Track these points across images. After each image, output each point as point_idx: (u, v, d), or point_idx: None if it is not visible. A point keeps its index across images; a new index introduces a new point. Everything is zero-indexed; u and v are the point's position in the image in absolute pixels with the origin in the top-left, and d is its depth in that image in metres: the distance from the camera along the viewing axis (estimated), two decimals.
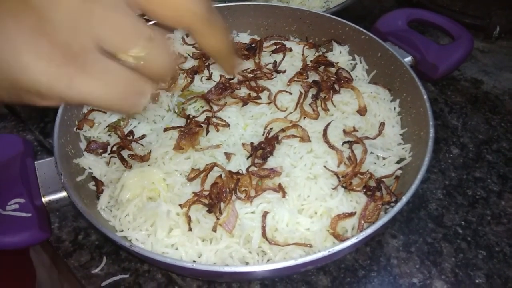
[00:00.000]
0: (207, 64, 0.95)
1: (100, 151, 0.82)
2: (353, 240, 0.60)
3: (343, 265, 0.81)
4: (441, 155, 0.99)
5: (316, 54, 0.99)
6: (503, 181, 0.93)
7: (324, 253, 0.59)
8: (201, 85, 0.91)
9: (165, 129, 0.80)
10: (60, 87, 0.38)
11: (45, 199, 0.71)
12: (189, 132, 0.78)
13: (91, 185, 0.79)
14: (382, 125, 0.82)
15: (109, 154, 0.81)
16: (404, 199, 0.64)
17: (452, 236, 0.85)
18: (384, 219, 0.62)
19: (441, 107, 1.10)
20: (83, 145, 0.84)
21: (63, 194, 0.72)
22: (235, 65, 0.55)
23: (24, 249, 1.16)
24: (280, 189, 0.71)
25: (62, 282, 1.25)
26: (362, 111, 0.85)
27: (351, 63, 0.99)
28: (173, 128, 0.79)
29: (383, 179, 0.75)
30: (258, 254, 0.69)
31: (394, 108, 0.88)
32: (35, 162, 0.75)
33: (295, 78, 0.89)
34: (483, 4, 1.34)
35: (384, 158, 0.80)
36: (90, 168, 0.80)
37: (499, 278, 0.78)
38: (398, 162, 0.80)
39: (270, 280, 0.78)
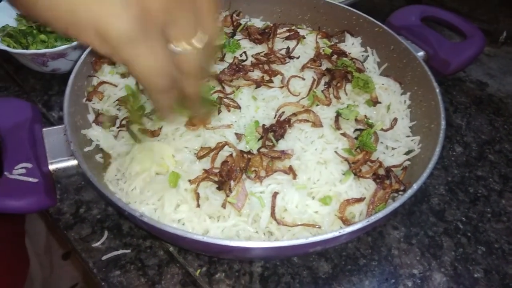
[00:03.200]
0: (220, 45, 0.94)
1: (109, 124, 0.81)
2: (364, 222, 0.60)
3: (345, 252, 0.81)
4: (444, 152, 1.00)
5: (329, 44, 0.99)
6: (504, 180, 0.95)
7: (335, 233, 0.59)
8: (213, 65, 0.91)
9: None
10: (124, 42, 0.46)
11: (52, 167, 0.70)
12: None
13: (98, 157, 0.78)
14: (395, 120, 0.83)
15: (117, 127, 0.80)
16: (415, 187, 0.65)
17: (452, 230, 0.86)
18: (394, 204, 0.63)
19: (446, 106, 1.11)
20: (91, 117, 0.83)
21: (71, 163, 0.71)
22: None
23: (19, 236, 1.15)
24: (290, 171, 0.71)
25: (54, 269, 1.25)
26: (373, 102, 0.85)
27: (362, 55, 0.99)
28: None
29: (392, 169, 0.75)
30: (264, 234, 0.69)
31: (405, 101, 0.89)
32: (43, 129, 0.74)
33: (308, 65, 0.89)
34: (490, 9, 1.36)
35: (393, 149, 0.80)
36: (98, 140, 0.79)
37: (497, 274, 0.80)
38: (406, 154, 0.81)
39: (272, 263, 0.78)
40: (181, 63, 0.53)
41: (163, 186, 0.71)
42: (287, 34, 0.98)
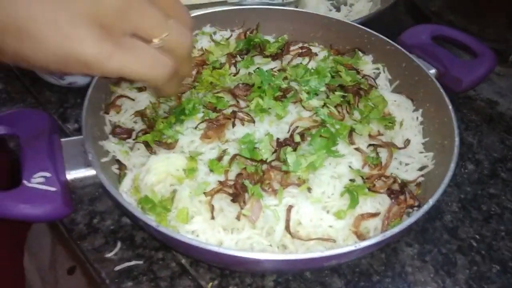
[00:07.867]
0: (233, 62, 0.96)
1: (125, 136, 0.82)
2: (380, 237, 0.60)
3: (358, 269, 0.81)
4: (456, 170, 0.99)
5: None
6: None
7: (351, 247, 0.59)
8: (227, 81, 0.92)
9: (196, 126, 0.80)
10: (103, 59, 0.49)
11: (69, 176, 0.71)
12: (217, 123, 0.78)
13: (114, 168, 0.79)
14: (407, 140, 0.83)
15: (133, 139, 0.81)
16: (431, 202, 0.65)
17: (466, 248, 0.85)
18: (410, 219, 0.63)
19: (457, 123, 1.11)
20: (107, 128, 0.84)
21: (88, 173, 0.72)
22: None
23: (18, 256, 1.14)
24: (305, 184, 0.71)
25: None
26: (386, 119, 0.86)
27: (374, 72, 1.01)
28: (202, 121, 0.80)
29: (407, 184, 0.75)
30: (278, 247, 0.69)
31: (417, 117, 0.90)
32: (61, 140, 0.75)
33: None
34: (500, 29, 1.38)
35: (406, 164, 0.81)
36: (114, 152, 0.80)
37: None
38: (419, 170, 0.81)
39: (284, 278, 0.77)
40: (170, 51, 0.56)
41: (178, 197, 0.71)
42: (300, 51, 1.00)
